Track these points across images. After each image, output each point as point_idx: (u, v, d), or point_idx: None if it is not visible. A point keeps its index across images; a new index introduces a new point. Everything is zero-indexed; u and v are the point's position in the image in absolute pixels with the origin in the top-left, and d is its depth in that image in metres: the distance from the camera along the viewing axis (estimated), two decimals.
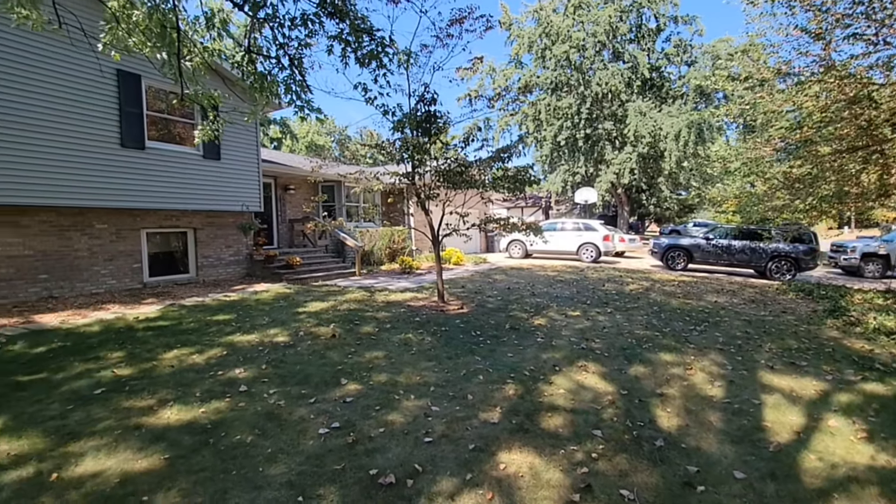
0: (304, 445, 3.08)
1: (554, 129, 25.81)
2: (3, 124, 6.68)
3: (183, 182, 9.09)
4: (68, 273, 7.85)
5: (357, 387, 4.14)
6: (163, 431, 3.26)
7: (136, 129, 8.32)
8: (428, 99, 7.48)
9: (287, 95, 4.95)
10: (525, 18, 26.92)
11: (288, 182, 13.63)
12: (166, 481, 2.66)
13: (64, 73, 7.34)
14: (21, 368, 4.44)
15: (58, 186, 7.26)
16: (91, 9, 6.57)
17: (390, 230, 14.75)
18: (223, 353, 5.03)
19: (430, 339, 5.77)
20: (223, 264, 10.50)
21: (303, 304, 7.72)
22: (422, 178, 7.89)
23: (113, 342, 5.33)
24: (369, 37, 4.87)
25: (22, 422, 3.38)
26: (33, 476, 2.71)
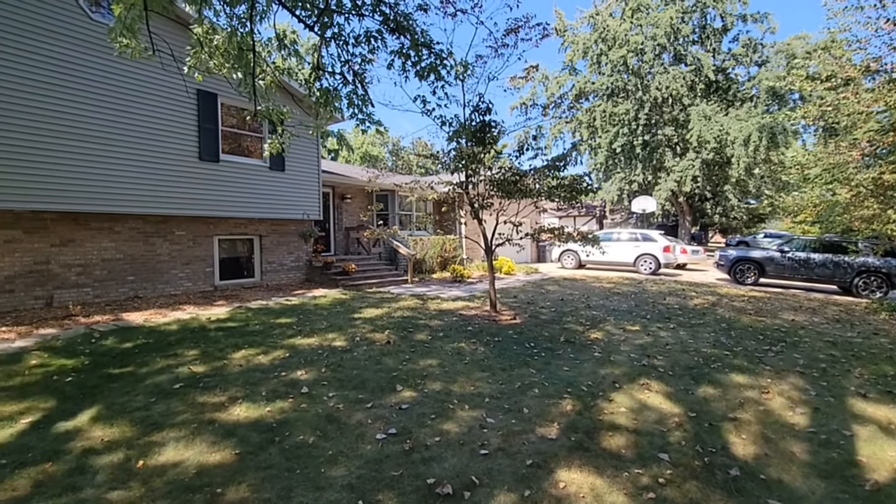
0: (363, 450, 3.15)
1: (609, 136, 25.07)
2: (105, 142, 7.47)
3: (251, 192, 9.71)
4: (151, 275, 8.60)
5: (412, 394, 4.19)
6: (233, 427, 3.45)
7: (212, 143, 9.01)
8: (483, 109, 7.52)
9: (349, 109, 5.16)
10: (580, 24, 26.50)
11: (345, 191, 14.17)
12: (237, 475, 2.81)
13: (154, 95, 8.11)
14: (112, 362, 4.89)
15: (146, 196, 8.00)
16: (179, 35, 7.22)
17: (442, 239, 14.89)
18: (286, 354, 5.28)
19: (483, 349, 5.74)
20: (285, 269, 11.06)
21: (358, 310, 7.95)
22: (475, 188, 7.92)
23: (189, 340, 5.75)
24: (428, 50, 4.98)
25: (113, 411, 3.71)
26: (123, 462, 2.96)
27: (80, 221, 7.68)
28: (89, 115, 7.32)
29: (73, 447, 3.13)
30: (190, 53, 5.23)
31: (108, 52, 7.46)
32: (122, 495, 2.60)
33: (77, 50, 7.20)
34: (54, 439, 3.24)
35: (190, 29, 5.20)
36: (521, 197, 7.57)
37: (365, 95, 5.00)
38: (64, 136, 7.04)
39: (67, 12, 7.14)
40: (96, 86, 7.41)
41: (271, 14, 4.83)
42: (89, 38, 7.34)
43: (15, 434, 3.32)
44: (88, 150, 7.31)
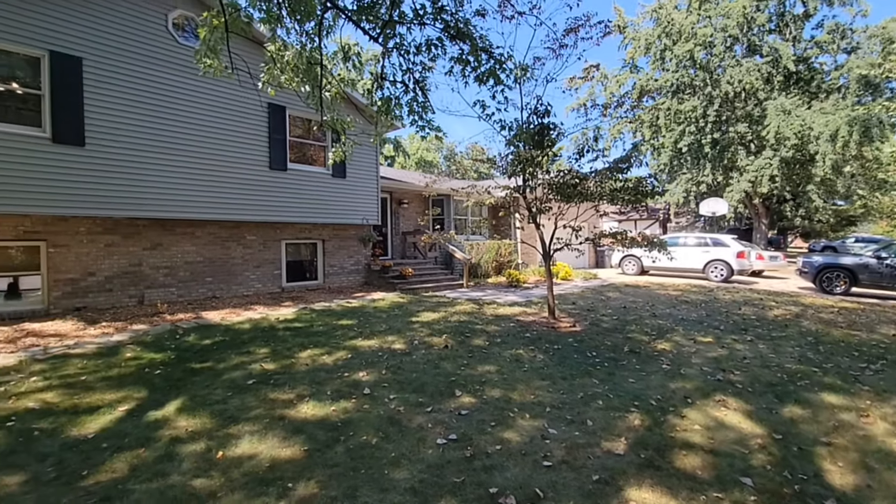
0: (424, 454, 3.17)
1: (674, 135, 23.75)
2: (189, 154, 8.16)
3: (315, 198, 10.19)
4: (226, 277, 9.26)
5: (471, 400, 4.17)
6: (302, 425, 3.61)
7: (280, 153, 9.56)
8: (541, 111, 7.40)
9: (410, 116, 5.27)
10: (642, 20, 25.39)
11: (402, 196, 14.48)
12: (306, 471, 2.93)
13: (230, 110, 8.76)
14: (194, 357, 5.29)
15: (223, 204, 8.64)
16: (253, 53, 7.73)
17: (497, 243, 14.79)
18: (348, 355, 5.45)
19: (542, 356, 5.61)
20: (345, 273, 11.48)
21: (416, 313, 8.06)
22: (533, 192, 7.79)
23: (260, 339, 6.11)
24: (487, 55, 4.98)
25: (195, 403, 4.01)
26: (204, 451, 3.18)
27: (167, 227, 8.44)
28: (176, 130, 8.03)
29: (161, 435, 3.41)
30: (264, 70, 5.58)
31: (191, 72, 8.15)
32: (204, 483, 2.79)
33: (166, 71, 7.93)
34: (146, 427, 3.55)
35: (264, 47, 5.56)
36: (580, 200, 7.35)
37: (425, 102, 5.08)
38: (155, 150, 7.77)
39: (159, 38, 7.90)
40: (182, 103, 8.12)
41: (337, 29, 5.05)
42: (176, 61, 8.07)
43: (114, 420, 3.68)
44: (176, 163, 8.01)
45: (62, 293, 7.30)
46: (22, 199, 6.50)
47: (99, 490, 2.71)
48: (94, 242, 7.61)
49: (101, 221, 7.69)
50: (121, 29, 7.44)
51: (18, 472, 2.89)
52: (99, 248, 7.66)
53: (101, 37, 7.21)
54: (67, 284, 7.36)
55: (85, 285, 7.51)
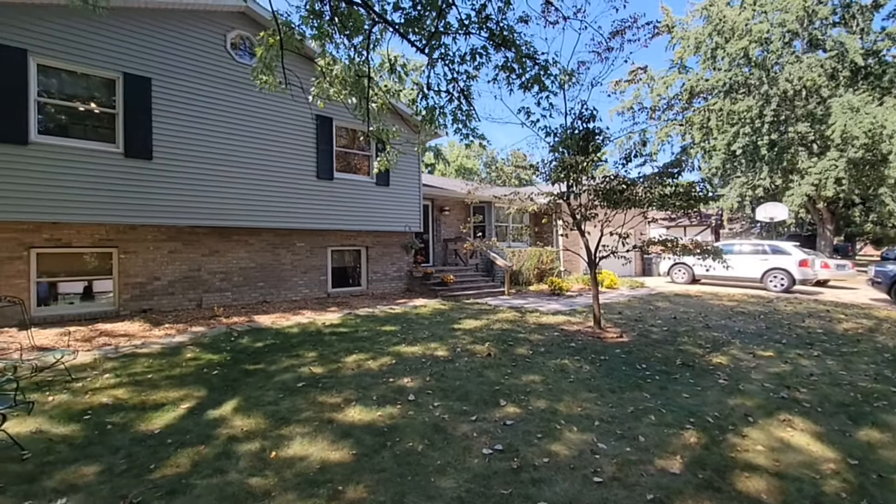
0: (470, 463, 3.15)
1: (727, 137, 22.59)
2: (244, 166, 8.62)
3: (360, 206, 10.47)
4: (276, 282, 9.66)
5: (516, 410, 4.11)
6: (349, 428, 3.68)
7: (327, 163, 9.90)
8: (586, 116, 7.26)
9: (454, 125, 5.32)
10: (691, 18, 24.43)
11: (443, 204, 14.59)
12: (355, 475, 2.98)
13: (281, 122, 9.18)
14: (248, 359, 5.54)
15: (274, 212, 9.04)
16: (304, 68, 8.09)
17: (539, 250, 14.58)
18: (392, 361, 5.53)
19: (589, 367, 5.46)
20: (388, 279, 11.68)
21: (458, 320, 8.07)
22: (577, 198, 7.64)
23: (308, 343, 6.31)
24: (532, 62, 4.95)
25: (249, 404, 4.18)
26: (259, 451, 3.31)
27: (224, 235, 8.92)
28: (232, 143, 8.50)
29: (220, 433, 3.58)
30: (314, 84, 5.81)
31: (245, 88, 8.62)
32: (259, 482, 2.90)
33: (223, 88, 8.43)
34: (206, 425, 3.74)
35: (314, 62, 5.79)
36: (628, 207, 7.12)
37: (469, 111, 5.11)
38: (213, 162, 8.26)
39: (218, 57, 8.42)
40: (238, 118, 8.59)
41: (384, 41, 5.19)
42: (232, 78, 8.56)
43: (177, 417, 3.90)
44: (232, 174, 8.48)
45: (131, 296, 7.87)
46: (99, 209, 7.08)
47: (165, 483, 2.88)
48: (158, 249, 8.17)
49: (166, 230, 8.24)
50: (185, 50, 7.99)
51: (95, 463, 3.12)
52: (163, 254, 8.21)
53: (168, 58, 7.78)
54: (135, 288, 7.92)
55: (150, 289, 8.06)
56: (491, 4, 4.22)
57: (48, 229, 7.12)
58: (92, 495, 2.75)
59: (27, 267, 6.93)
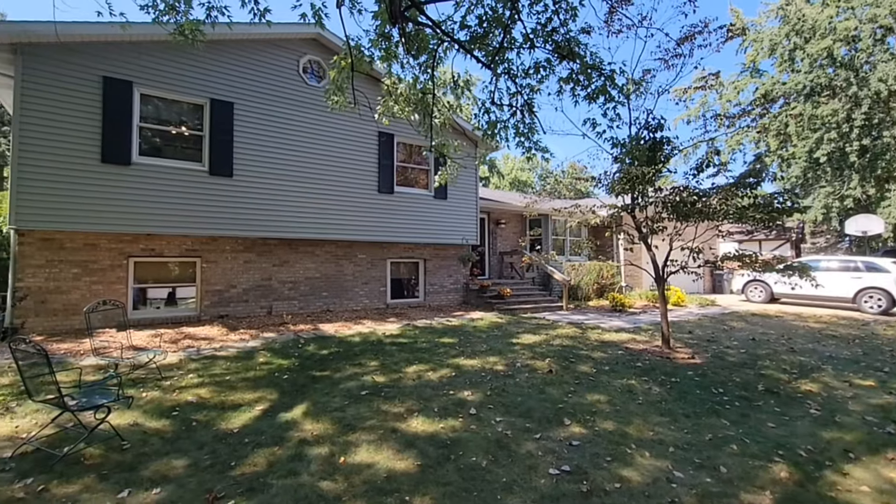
0: (537, 483, 3.07)
1: (809, 144, 20.76)
2: (312, 181, 9.12)
3: (418, 219, 10.70)
4: (339, 292, 10.05)
5: (581, 430, 3.96)
6: (413, 439, 3.72)
7: (388, 177, 10.24)
8: (653, 126, 6.99)
9: (516, 138, 5.32)
10: (764, 19, 22.90)
11: (499, 217, 14.55)
12: (420, 486, 3.00)
13: (346, 140, 9.65)
14: (314, 365, 5.78)
15: (338, 225, 9.46)
16: (369, 87, 8.44)
17: (599, 265, 14.09)
18: (452, 373, 5.53)
19: (658, 389, 5.16)
20: (444, 291, 11.78)
21: (515, 335, 7.95)
22: (643, 211, 7.33)
23: (370, 352, 6.48)
24: (598, 72, 4.86)
25: (318, 409, 4.35)
26: (328, 456, 3.42)
27: (292, 246, 9.45)
28: (302, 160, 9.04)
29: (292, 436, 3.75)
30: (380, 102, 6.06)
31: (314, 108, 9.16)
32: (329, 486, 2.99)
33: (294, 109, 9.01)
34: (279, 427, 3.93)
35: (380, 82, 6.05)
36: (700, 219, 6.73)
37: (532, 124, 5.09)
38: (285, 178, 8.81)
39: (291, 80, 9.04)
40: (307, 136, 9.13)
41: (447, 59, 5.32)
42: (303, 99, 9.13)
43: (252, 418, 4.13)
44: (301, 188, 9.00)
45: (210, 302, 8.51)
46: (187, 222, 7.77)
47: (244, 481, 3.05)
48: (235, 259, 8.80)
49: (242, 241, 8.87)
50: (263, 76, 8.65)
51: (183, 457, 3.37)
52: (239, 264, 8.83)
53: (248, 84, 8.46)
54: (214, 295, 8.56)
55: (227, 296, 8.68)
56: (556, 17, 4.21)
57: (144, 240, 7.90)
58: (182, 487, 2.96)
59: (126, 274, 7.72)
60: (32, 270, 6.91)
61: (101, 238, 7.48)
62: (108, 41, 7.06)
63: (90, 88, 6.97)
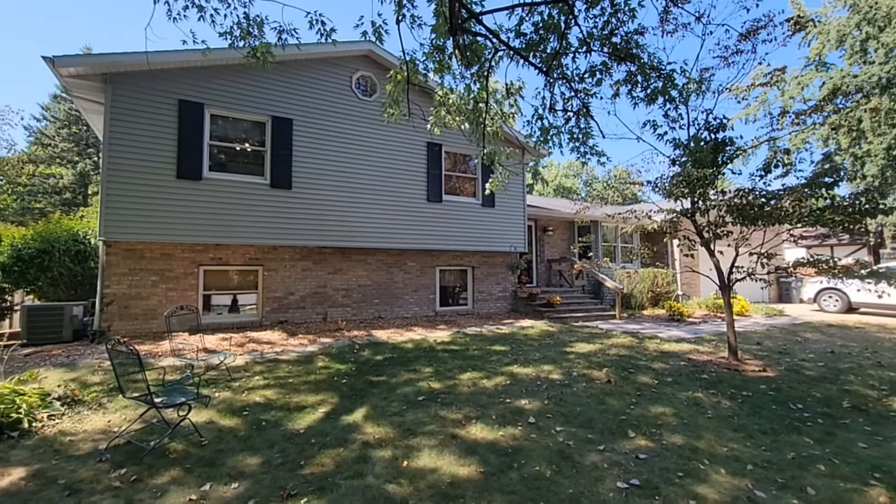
0: (605, 495, 2.98)
1: (887, 140, 19.01)
2: (364, 191, 9.42)
3: (466, 227, 10.75)
4: (390, 300, 10.25)
5: (647, 443, 3.81)
6: (473, 446, 3.72)
7: (436, 186, 10.39)
8: (714, 126, 6.69)
9: (570, 143, 5.26)
10: (831, 10, 21.35)
11: (546, 224, 14.34)
12: (485, 493, 2.99)
13: (396, 151, 9.90)
14: (371, 370, 5.91)
15: (389, 234, 9.69)
16: (421, 100, 8.63)
17: (653, 272, 13.53)
18: (507, 382, 5.49)
19: (729, 403, 4.87)
20: (493, 299, 11.73)
21: (568, 343, 7.77)
22: (704, 215, 7.00)
23: (423, 359, 6.55)
24: (657, 73, 4.73)
25: (377, 413, 4.44)
26: (392, 459, 3.48)
27: (345, 255, 9.77)
28: (354, 171, 9.36)
29: (355, 438, 3.85)
30: (432, 113, 6.18)
31: (365, 121, 9.49)
32: (395, 489, 3.04)
33: (347, 123, 9.37)
34: (342, 429, 4.05)
35: (433, 92, 6.17)
36: (768, 223, 6.34)
37: (587, 128, 5.01)
38: (338, 189, 9.15)
39: (345, 96, 9.42)
40: (358, 148, 9.46)
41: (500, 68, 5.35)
42: (355, 113, 9.48)
43: (316, 420, 4.28)
44: (354, 199, 9.31)
45: (271, 308, 8.94)
46: (251, 232, 8.24)
47: (313, 480, 3.16)
48: (293, 267, 9.20)
49: (299, 250, 9.27)
50: (319, 92, 9.07)
51: (256, 455, 3.55)
52: (297, 272, 9.23)
53: (305, 100, 8.90)
54: (275, 301, 8.99)
55: (286, 303, 9.08)
56: (614, 19, 4.15)
57: (213, 250, 8.44)
58: (257, 483, 3.11)
59: (197, 281, 8.27)
60: (117, 278, 7.57)
61: (175, 248, 8.07)
62: (183, 67, 7.68)
63: (167, 111, 7.60)
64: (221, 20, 4.20)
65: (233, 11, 4.19)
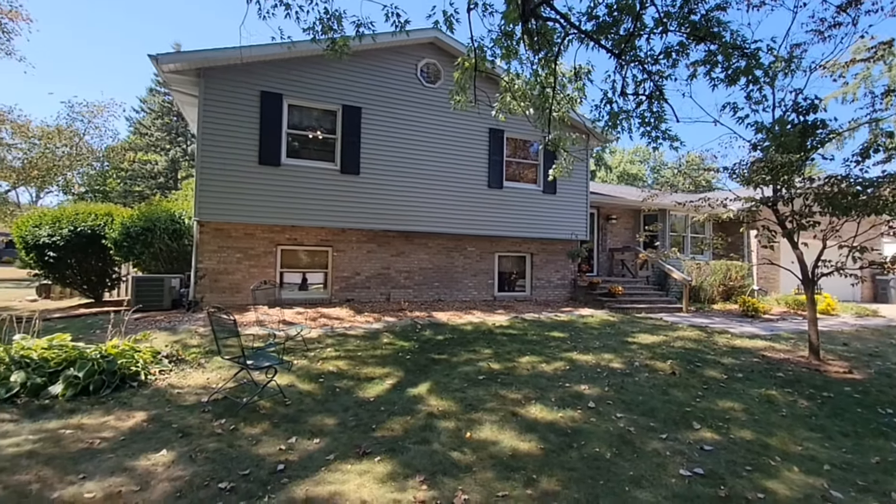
0: (667, 481, 3.01)
1: None
2: (427, 177, 9.68)
3: (526, 214, 10.72)
4: (449, 283, 10.53)
5: (713, 436, 3.75)
6: (533, 424, 3.85)
7: (497, 172, 10.42)
8: (804, 107, 6.16)
9: (641, 128, 5.11)
10: None
11: (610, 212, 13.90)
12: (545, 468, 3.12)
13: (458, 137, 10.03)
14: (432, 349, 6.19)
15: (450, 219, 9.91)
16: (487, 86, 8.67)
17: (726, 264, 12.73)
18: (566, 367, 5.54)
19: (807, 403, 4.62)
20: (551, 287, 11.65)
21: (630, 334, 7.62)
22: (788, 204, 6.51)
23: (482, 340, 6.74)
24: (739, 52, 4.46)
25: (440, 388, 4.69)
26: (455, 430, 3.70)
27: (408, 238, 10.13)
28: (417, 157, 9.63)
29: (420, 409, 4.11)
30: (497, 99, 6.23)
31: (429, 108, 9.69)
32: (459, 457, 3.25)
33: (411, 110, 9.62)
34: (407, 400, 4.34)
35: (500, 79, 6.21)
36: (864, 213, 5.80)
37: (661, 112, 4.85)
38: (402, 175, 9.47)
39: (410, 83, 9.66)
40: (421, 135, 9.69)
41: (569, 53, 5.28)
42: (419, 100, 9.70)
43: (384, 390, 4.61)
44: (417, 184, 9.60)
45: (339, 287, 9.52)
46: (323, 215, 8.80)
47: (385, 442, 3.45)
48: (360, 249, 9.71)
49: (366, 233, 9.75)
50: (386, 80, 9.38)
51: (333, 416, 3.91)
52: (362, 253, 9.73)
53: (372, 89, 9.25)
54: (343, 281, 9.56)
55: (353, 282, 9.63)
56: None
57: (289, 231, 9.12)
58: (335, 440, 3.46)
59: (275, 260, 9.00)
60: (208, 255, 8.43)
61: (257, 229, 8.82)
62: (265, 60, 8.26)
63: (251, 102, 8.24)
64: (304, 16, 4.52)
65: (314, 7, 4.50)
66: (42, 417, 3.71)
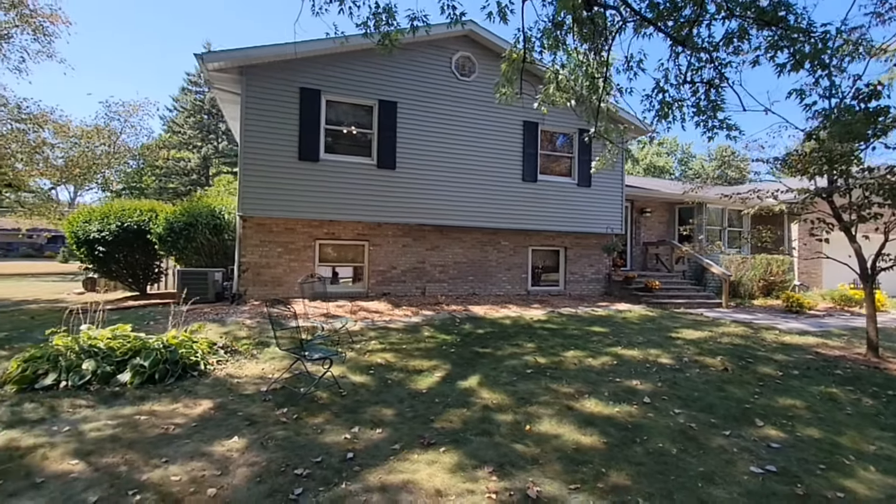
0: (739, 478, 2.95)
1: None
2: (462, 171, 9.66)
3: (561, 207, 10.59)
4: (484, 277, 10.52)
5: (779, 433, 3.65)
6: (590, 418, 3.82)
7: (531, 166, 10.32)
8: (865, 94, 5.87)
9: (696, 117, 4.97)
10: None
11: (644, 205, 13.61)
12: (612, 462, 3.09)
13: (493, 131, 9.97)
14: (475, 342, 6.21)
15: (484, 213, 9.87)
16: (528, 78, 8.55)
17: (767, 258, 12.33)
18: (613, 362, 5.47)
19: (872, 401, 4.45)
20: (585, 281, 11.51)
21: (673, 329, 7.47)
22: (845, 195, 6.25)
23: (523, 334, 6.71)
24: (806, 36, 4.28)
25: (489, 381, 4.70)
26: (514, 423, 3.71)
27: (443, 232, 10.15)
28: (452, 151, 9.61)
29: (474, 401, 4.13)
30: (540, 91, 6.15)
31: (463, 102, 9.64)
32: (523, 449, 3.26)
33: (446, 104, 9.59)
34: (460, 393, 4.36)
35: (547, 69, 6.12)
36: None
37: (717, 101, 4.71)
38: (438, 169, 9.48)
39: (444, 77, 9.63)
40: (456, 129, 9.66)
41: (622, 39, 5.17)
42: (453, 94, 9.66)
43: (435, 383, 4.65)
44: (452, 178, 9.59)
45: (375, 281, 9.63)
46: (359, 210, 8.90)
47: (446, 433, 3.48)
48: (395, 243, 9.78)
49: (401, 227, 9.82)
50: (421, 75, 9.38)
51: (390, 407, 3.97)
52: (398, 248, 9.80)
53: (408, 83, 9.26)
54: (379, 275, 9.66)
55: (389, 276, 9.72)
56: None
57: (327, 226, 9.25)
58: (397, 431, 3.50)
59: (314, 254, 9.16)
60: (251, 249, 8.63)
61: (297, 223, 8.97)
62: (305, 57, 8.35)
63: (291, 98, 8.36)
64: (357, 11, 4.55)
65: (366, 2, 4.51)
66: (115, 404, 3.88)
